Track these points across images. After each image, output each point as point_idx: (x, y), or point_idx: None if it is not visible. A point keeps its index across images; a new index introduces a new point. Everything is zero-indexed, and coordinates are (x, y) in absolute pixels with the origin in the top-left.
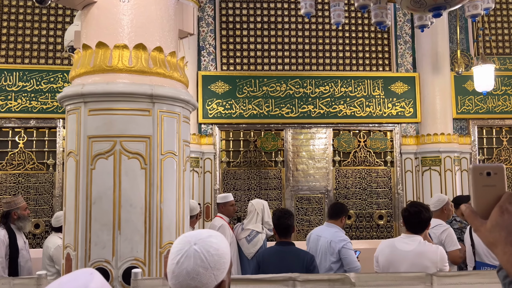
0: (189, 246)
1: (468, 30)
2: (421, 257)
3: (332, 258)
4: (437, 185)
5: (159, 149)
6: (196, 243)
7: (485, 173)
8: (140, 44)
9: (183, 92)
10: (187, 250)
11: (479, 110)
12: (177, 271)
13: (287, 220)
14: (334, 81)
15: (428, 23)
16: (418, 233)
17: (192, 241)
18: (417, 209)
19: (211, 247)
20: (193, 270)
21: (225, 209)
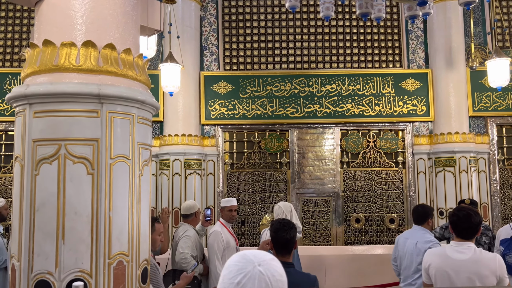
0: (253, 267)
1: (486, 23)
2: (478, 265)
3: (418, 260)
4: (451, 187)
5: (108, 153)
6: (261, 264)
7: None
8: (88, 42)
9: (137, 91)
10: (250, 271)
11: (497, 107)
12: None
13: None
14: (341, 79)
15: (419, 13)
16: (470, 239)
17: (255, 261)
18: (466, 212)
19: (276, 271)
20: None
21: (223, 213)
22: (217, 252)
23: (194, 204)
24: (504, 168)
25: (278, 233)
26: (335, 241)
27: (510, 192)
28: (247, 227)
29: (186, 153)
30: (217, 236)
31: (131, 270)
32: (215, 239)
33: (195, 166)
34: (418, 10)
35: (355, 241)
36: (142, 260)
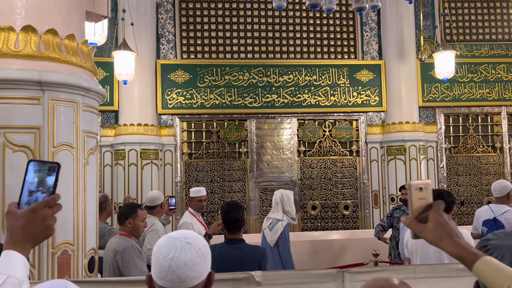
0: (180, 241)
1: (435, 16)
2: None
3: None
4: (402, 174)
5: (51, 141)
6: (186, 238)
7: (419, 188)
8: (28, 26)
9: (82, 78)
10: (179, 245)
11: (445, 98)
12: (173, 265)
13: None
14: (298, 69)
15: (366, 5)
16: None
17: (180, 237)
18: (439, 192)
19: (200, 241)
20: (190, 261)
21: (192, 203)
22: None
23: (160, 195)
24: (450, 156)
25: (228, 213)
26: (292, 228)
27: (456, 178)
28: (206, 216)
29: (142, 143)
30: (188, 227)
31: (77, 259)
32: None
33: (152, 156)
34: (365, 2)
35: (312, 227)
36: (88, 249)
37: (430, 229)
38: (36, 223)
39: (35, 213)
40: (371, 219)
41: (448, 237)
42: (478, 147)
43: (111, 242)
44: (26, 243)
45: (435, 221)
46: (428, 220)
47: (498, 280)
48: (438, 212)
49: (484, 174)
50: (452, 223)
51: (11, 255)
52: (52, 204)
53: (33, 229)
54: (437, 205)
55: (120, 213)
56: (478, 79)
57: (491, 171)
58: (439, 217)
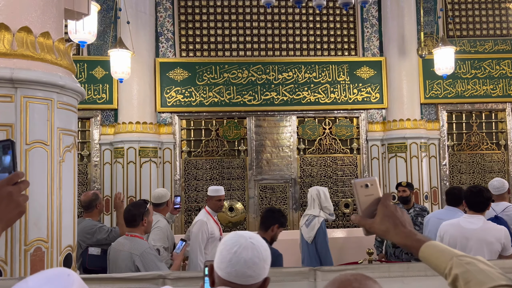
0: (245, 240)
1: (437, 12)
2: (486, 233)
3: None
4: (403, 172)
5: (24, 138)
6: (251, 238)
7: (364, 185)
8: (1, 24)
9: (56, 76)
10: (243, 243)
11: (448, 95)
12: (234, 260)
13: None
14: (297, 66)
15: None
16: (481, 212)
17: (247, 236)
18: (479, 188)
19: (263, 244)
20: (251, 260)
21: (211, 203)
22: (200, 243)
23: (166, 192)
24: (453, 153)
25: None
26: (292, 226)
27: (458, 176)
28: None
29: (141, 141)
30: (202, 226)
31: (51, 257)
32: (200, 229)
33: (150, 154)
34: None
35: None
36: (64, 246)
37: (377, 222)
38: (2, 202)
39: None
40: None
41: (394, 227)
42: (481, 144)
43: (123, 244)
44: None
45: (382, 213)
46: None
47: (440, 262)
48: (384, 204)
49: (488, 172)
50: (400, 213)
51: None
52: (15, 181)
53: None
54: (384, 197)
55: (133, 214)
56: (482, 75)
57: (495, 169)
58: (385, 209)
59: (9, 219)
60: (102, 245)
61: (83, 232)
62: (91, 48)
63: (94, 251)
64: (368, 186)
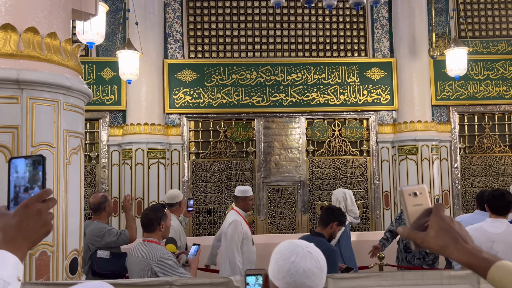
0: (302, 249)
1: (449, 12)
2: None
3: None
4: (413, 175)
5: (29, 140)
6: (308, 247)
7: (413, 193)
8: (7, 25)
9: (63, 77)
10: (301, 252)
11: (459, 96)
12: (293, 270)
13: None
14: (306, 68)
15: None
16: (504, 215)
17: (302, 245)
18: (501, 192)
19: (319, 253)
20: (309, 270)
21: (242, 203)
22: (237, 243)
23: (179, 193)
24: (465, 156)
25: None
26: (300, 229)
27: (471, 179)
28: (213, 216)
29: (149, 142)
30: (238, 227)
31: (57, 261)
32: (236, 229)
33: (158, 155)
34: None
35: None
36: (70, 250)
37: (432, 236)
38: (30, 219)
39: (28, 209)
40: (381, 220)
41: (454, 243)
42: (494, 147)
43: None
44: (22, 242)
45: (437, 226)
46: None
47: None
48: (438, 215)
49: (501, 175)
50: (457, 226)
51: (2, 255)
52: (45, 198)
53: (28, 226)
54: (437, 207)
55: (150, 219)
56: (494, 76)
57: (508, 172)
58: (440, 221)
59: (36, 238)
60: (111, 248)
61: (92, 235)
62: (99, 49)
63: (103, 254)
64: (416, 194)
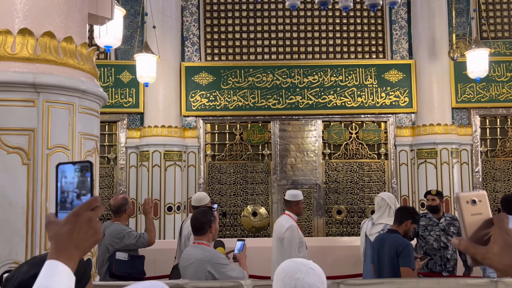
0: (305, 266)
1: (470, 13)
2: None
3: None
4: (433, 179)
5: (45, 143)
6: (309, 265)
7: (471, 201)
8: (25, 29)
9: (79, 80)
10: (303, 269)
11: (481, 99)
12: (299, 285)
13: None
14: (323, 70)
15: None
16: None
17: (304, 263)
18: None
19: (321, 269)
20: (314, 284)
21: (296, 207)
22: (295, 248)
23: (205, 196)
24: (487, 160)
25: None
26: (316, 233)
27: (492, 184)
28: (228, 218)
29: (166, 145)
30: (294, 231)
31: None
32: (293, 233)
33: (175, 157)
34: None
35: (337, 232)
36: None
37: (495, 253)
38: (81, 227)
39: (79, 217)
40: None
41: None
42: None
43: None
44: (73, 251)
45: (502, 241)
46: (491, 240)
47: None
48: (503, 229)
49: None
50: None
51: (54, 265)
52: (94, 206)
53: (79, 235)
54: (499, 219)
55: (201, 222)
56: None
57: None
58: (506, 235)
59: (87, 247)
60: (130, 250)
61: (112, 236)
62: (118, 53)
63: (121, 256)
64: (476, 202)
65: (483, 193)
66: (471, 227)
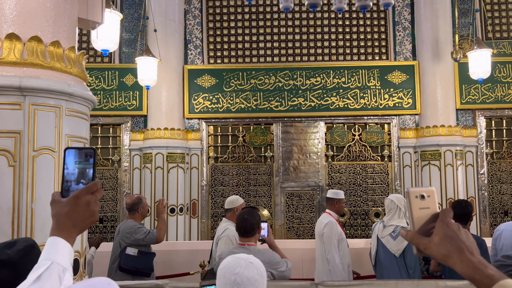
0: (244, 261)
1: (473, 13)
2: None
3: None
4: (436, 181)
5: (31, 145)
6: (248, 259)
7: (420, 196)
8: (12, 34)
9: (65, 84)
10: (242, 264)
11: (486, 100)
12: (238, 279)
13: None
14: (326, 72)
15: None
16: None
17: (243, 257)
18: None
19: (259, 262)
20: (253, 277)
21: (338, 206)
22: (335, 244)
23: (236, 199)
24: (492, 161)
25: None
26: None
27: (498, 186)
28: None
29: (169, 147)
30: (333, 227)
31: None
32: (332, 230)
33: (178, 159)
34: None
35: None
36: None
37: (435, 243)
38: (80, 209)
39: (79, 200)
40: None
41: (458, 253)
42: None
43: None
44: (72, 230)
45: (442, 233)
46: (434, 232)
47: None
48: (445, 222)
49: None
50: (464, 235)
51: (57, 242)
52: (93, 190)
53: (78, 215)
54: (444, 213)
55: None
56: None
57: None
58: (446, 228)
59: (83, 226)
60: (140, 246)
61: (124, 232)
62: (122, 56)
63: (130, 251)
64: (424, 197)
65: (432, 189)
66: (418, 220)
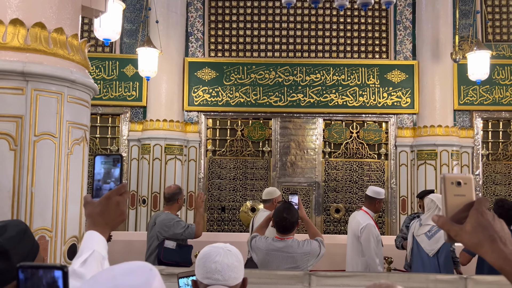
0: (222, 249)
1: (473, 14)
2: None
3: None
4: (432, 180)
5: (32, 130)
6: (226, 247)
7: (456, 182)
8: (16, 20)
9: (68, 70)
10: (221, 252)
11: (484, 101)
12: (219, 267)
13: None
14: (326, 68)
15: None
16: None
17: (221, 246)
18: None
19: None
20: (232, 264)
21: (376, 205)
22: (374, 247)
23: (274, 190)
24: (488, 163)
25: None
26: None
27: (492, 187)
28: (227, 213)
29: (167, 138)
30: (372, 230)
31: (55, 246)
32: (370, 233)
33: (176, 151)
34: None
35: (334, 231)
36: (69, 236)
37: (467, 231)
38: (111, 209)
39: (110, 200)
40: (397, 225)
41: (490, 243)
42: None
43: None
44: (105, 227)
45: (475, 221)
46: (467, 220)
47: None
48: (479, 210)
49: None
50: (498, 225)
51: (94, 234)
52: (122, 192)
53: (109, 214)
54: (479, 202)
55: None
56: None
57: None
58: (480, 216)
59: (114, 224)
60: (177, 239)
61: (162, 225)
62: (123, 47)
63: (169, 245)
64: (460, 184)
65: (469, 176)
66: (452, 207)
